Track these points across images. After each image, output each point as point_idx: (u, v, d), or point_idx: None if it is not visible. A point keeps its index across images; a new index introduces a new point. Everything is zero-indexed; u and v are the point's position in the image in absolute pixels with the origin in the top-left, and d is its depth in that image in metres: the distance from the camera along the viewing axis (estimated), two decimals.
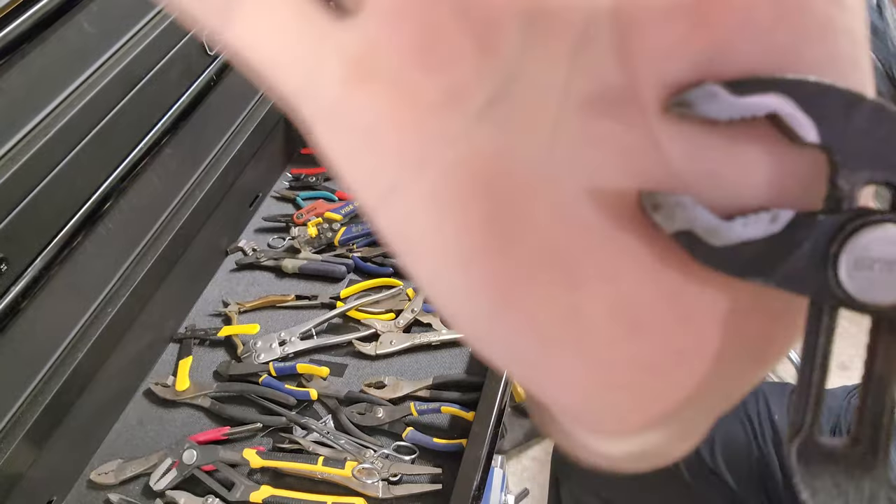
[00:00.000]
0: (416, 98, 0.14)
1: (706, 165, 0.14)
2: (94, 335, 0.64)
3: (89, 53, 0.64)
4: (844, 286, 0.14)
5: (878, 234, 0.14)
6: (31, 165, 0.57)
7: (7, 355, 0.57)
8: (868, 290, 0.14)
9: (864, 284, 0.14)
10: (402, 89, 0.14)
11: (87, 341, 0.64)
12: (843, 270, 0.14)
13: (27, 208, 0.57)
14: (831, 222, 0.14)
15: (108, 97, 0.64)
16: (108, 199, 0.65)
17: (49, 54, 0.59)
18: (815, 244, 0.14)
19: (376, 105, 0.14)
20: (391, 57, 0.14)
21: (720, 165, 0.14)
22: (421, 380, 0.70)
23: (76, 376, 0.63)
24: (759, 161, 0.14)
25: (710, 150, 0.14)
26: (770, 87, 0.13)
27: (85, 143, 0.61)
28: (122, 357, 0.70)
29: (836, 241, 0.14)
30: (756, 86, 0.13)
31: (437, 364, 0.73)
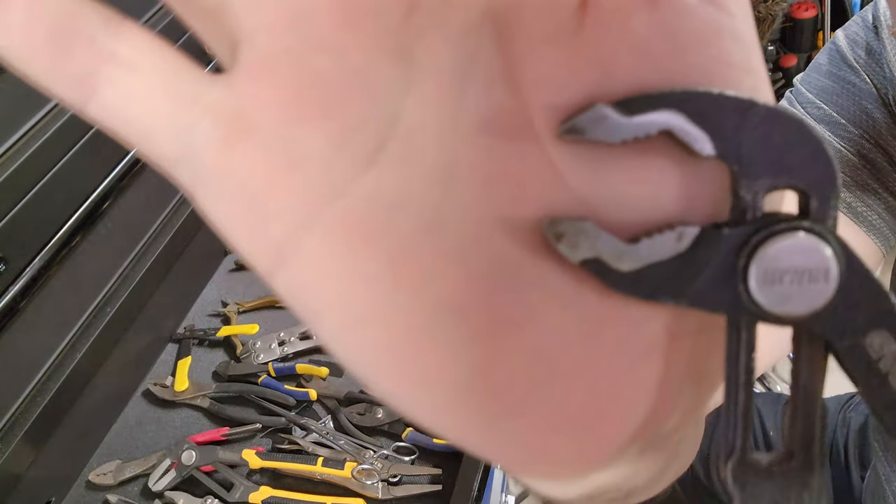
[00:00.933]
0: (298, 151, 0.13)
1: (610, 188, 0.14)
2: (92, 335, 0.64)
3: None
4: (756, 300, 0.13)
5: (785, 243, 0.13)
6: (29, 164, 0.56)
7: (6, 355, 0.57)
8: (781, 303, 0.13)
9: (776, 297, 0.13)
10: (282, 143, 0.13)
11: (86, 341, 0.64)
12: (753, 284, 0.13)
13: (26, 208, 0.56)
14: (737, 235, 0.13)
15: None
16: (106, 198, 0.65)
17: None
18: (722, 259, 0.13)
19: (256, 163, 0.13)
20: (267, 111, 0.13)
21: (624, 186, 0.14)
22: None
23: (75, 376, 0.62)
24: (661, 179, 0.14)
25: (611, 172, 0.13)
26: (659, 103, 0.13)
27: (84, 143, 0.61)
28: (120, 357, 0.69)
29: (742, 254, 0.13)
30: (644, 103, 0.13)
31: None
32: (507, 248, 0.14)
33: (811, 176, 0.13)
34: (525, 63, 0.13)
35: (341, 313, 0.14)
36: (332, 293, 0.13)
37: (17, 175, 0.55)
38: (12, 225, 0.56)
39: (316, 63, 0.13)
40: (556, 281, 0.14)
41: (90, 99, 0.13)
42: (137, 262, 0.70)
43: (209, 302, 0.82)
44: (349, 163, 0.13)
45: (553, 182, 0.14)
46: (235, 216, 0.13)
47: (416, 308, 0.14)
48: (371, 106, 0.13)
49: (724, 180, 0.14)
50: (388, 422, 0.67)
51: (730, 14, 0.13)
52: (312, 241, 0.13)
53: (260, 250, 0.13)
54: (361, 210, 0.13)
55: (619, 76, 0.13)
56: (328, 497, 0.62)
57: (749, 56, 0.13)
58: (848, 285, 0.14)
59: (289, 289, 0.14)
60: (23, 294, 0.57)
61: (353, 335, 0.14)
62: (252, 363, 0.73)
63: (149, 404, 0.73)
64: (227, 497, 0.62)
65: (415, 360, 0.14)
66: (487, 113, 0.13)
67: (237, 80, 0.13)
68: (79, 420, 0.65)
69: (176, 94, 0.13)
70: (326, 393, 0.70)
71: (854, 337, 0.14)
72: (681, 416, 0.16)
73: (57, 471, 0.65)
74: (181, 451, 0.64)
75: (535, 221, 0.14)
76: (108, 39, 0.12)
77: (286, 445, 0.66)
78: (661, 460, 0.19)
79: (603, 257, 0.13)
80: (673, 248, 0.13)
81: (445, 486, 0.62)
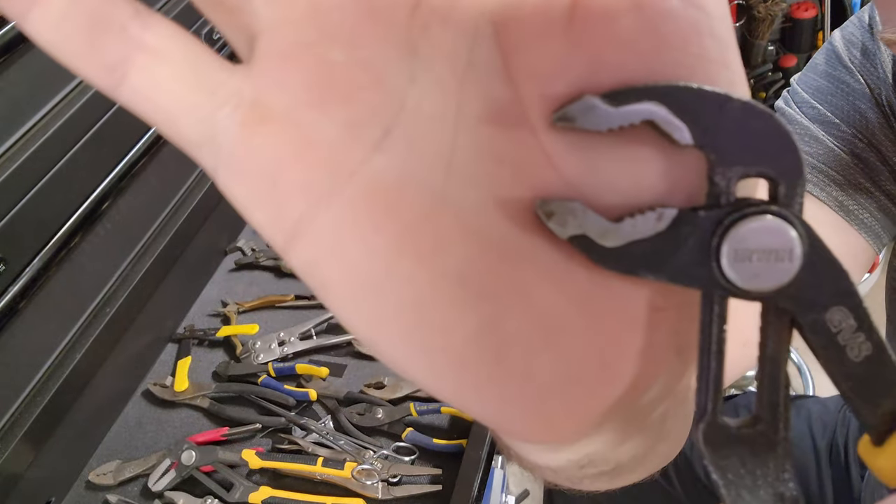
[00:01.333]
0: (312, 136, 0.14)
1: (596, 172, 0.15)
2: (92, 335, 0.64)
3: None
4: (728, 276, 0.15)
5: (754, 225, 0.14)
6: (29, 165, 0.56)
7: (5, 355, 0.57)
8: (750, 279, 0.15)
9: (745, 274, 0.15)
10: (297, 129, 0.14)
11: (86, 341, 0.64)
12: (725, 262, 0.15)
13: (25, 208, 0.56)
14: (711, 217, 0.15)
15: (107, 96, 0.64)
16: (106, 198, 0.65)
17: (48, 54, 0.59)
18: (698, 239, 0.15)
19: (273, 146, 0.14)
20: (284, 98, 0.14)
21: (609, 171, 0.15)
22: None
23: (74, 377, 0.62)
24: (644, 164, 0.15)
25: (599, 157, 0.15)
26: (644, 96, 0.14)
27: (83, 143, 0.61)
28: (120, 357, 0.69)
29: (716, 234, 0.15)
30: (630, 95, 0.14)
31: None
32: (502, 226, 0.15)
33: (780, 165, 0.15)
34: (520, 57, 0.14)
35: (351, 284, 0.15)
36: (342, 266, 0.15)
37: (16, 175, 0.55)
38: (12, 225, 0.56)
39: (330, 55, 0.14)
40: (546, 256, 0.15)
41: (121, 84, 0.14)
42: (137, 263, 0.70)
43: (209, 302, 0.82)
44: (359, 147, 0.14)
45: (545, 167, 0.15)
46: (254, 196, 0.14)
47: (420, 279, 0.15)
48: (379, 95, 0.14)
49: (701, 167, 0.15)
50: (388, 422, 0.67)
51: (709, 14, 0.14)
52: (325, 218, 0.14)
53: (277, 227, 0.15)
54: (370, 190, 0.14)
55: (607, 70, 0.14)
56: (328, 497, 0.62)
57: (726, 53, 0.14)
58: (811, 265, 0.15)
59: (302, 262, 0.15)
60: (22, 294, 0.57)
61: (361, 305, 0.15)
62: (252, 363, 0.73)
63: (148, 404, 0.73)
64: (227, 497, 0.62)
65: (419, 327, 0.15)
66: (486, 103, 0.15)
67: (256, 69, 0.14)
68: (78, 420, 0.65)
69: (199, 81, 0.14)
70: (326, 393, 0.70)
71: (816, 312, 0.15)
72: (662, 388, 0.18)
73: (57, 471, 0.65)
74: (181, 451, 0.64)
75: (528, 202, 0.15)
76: (138, 29, 0.14)
77: (286, 445, 0.66)
78: (646, 436, 0.20)
79: (589, 234, 0.15)
80: (653, 227, 0.15)
81: (445, 486, 0.62)
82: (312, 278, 0.15)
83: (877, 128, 0.47)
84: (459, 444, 0.64)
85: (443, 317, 0.15)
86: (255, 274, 0.84)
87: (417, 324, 0.15)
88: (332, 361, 0.74)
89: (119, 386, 0.72)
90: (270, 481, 0.64)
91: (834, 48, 0.50)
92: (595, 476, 0.22)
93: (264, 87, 0.14)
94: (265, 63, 0.14)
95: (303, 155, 0.14)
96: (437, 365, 0.16)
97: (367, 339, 0.16)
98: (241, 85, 0.14)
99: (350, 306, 0.15)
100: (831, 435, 0.73)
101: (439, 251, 0.15)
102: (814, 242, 0.15)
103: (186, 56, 0.14)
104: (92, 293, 0.66)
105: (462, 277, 0.15)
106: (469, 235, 0.15)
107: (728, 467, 0.16)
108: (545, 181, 0.15)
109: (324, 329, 0.76)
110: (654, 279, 0.15)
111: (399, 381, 0.70)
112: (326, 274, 0.15)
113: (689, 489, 0.78)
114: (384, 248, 0.15)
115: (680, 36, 0.14)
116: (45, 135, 0.58)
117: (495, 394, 0.16)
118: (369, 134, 0.14)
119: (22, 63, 0.57)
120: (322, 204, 0.14)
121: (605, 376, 0.16)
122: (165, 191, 0.75)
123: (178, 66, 0.14)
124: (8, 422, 0.58)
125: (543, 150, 0.15)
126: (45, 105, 0.59)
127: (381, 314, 0.15)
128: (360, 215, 0.14)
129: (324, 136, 0.14)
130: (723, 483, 0.16)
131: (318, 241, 0.15)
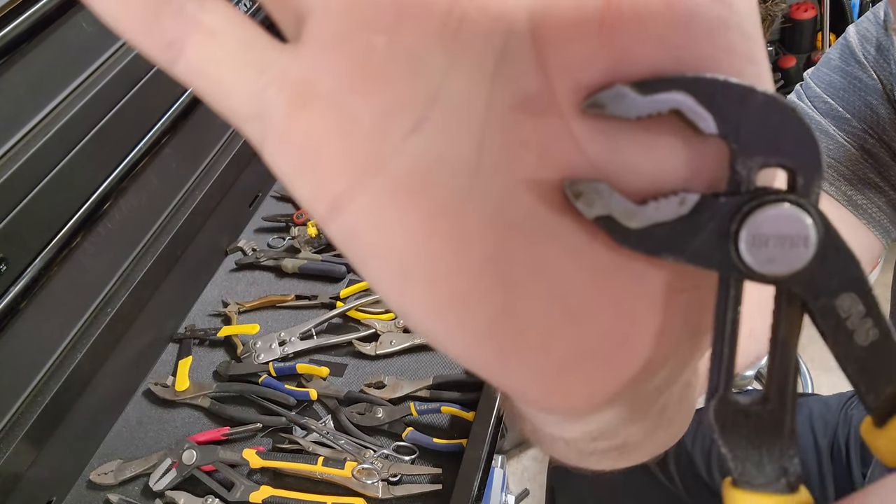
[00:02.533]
0: (355, 117, 0.15)
1: (623, 157, 0.16)
2: (93, 335, 0.64)
3: (89, 53, 0.64)
4: (745, 260, 0.15)
5: (772, 212, 0.15)
6: (30, 165, 0.57)
7: (7, 355, 0.57)
8: (766, 264, 0.15)
9: (761, 258, 0.15)
10: (341, 110, 0.15)
11: (87, 341, 0.64)
12: (742, 246, 0.15)
13: (27, 208, 0.57)
14: (731, 203, 0.15)
15: (108, 97, 0.64)
16: (107, 198, 0.65)
17: (48, 54, 0.59)
18: (718, 223, 0.15)
19: (318, 125, 0.15)
20: (330, 81, 0.15)
21: (635, 157, 0.15)
22: (421, 380, 0.70)
23: (76, 376, 0.62)
24: (669, 151, 0.15)
25: (625, 143, 0.15)
26: (672, 86, 0.14)
27: (84, 143, 0.61)
28: (121, 357, 0.70)
29: (735, 220, 0.15)
30: (659, 85, 0.14)
31: (437, 364, 0.73)
32: (531, 206, 0.16)
33: (800, 158, 0.15)
34: (554, 50, 0.15)
35: (386, 259, 0.16)
36: (378, 241, 0.16)
37: (18, 175, 0.56)
38: (13, 225, 0.56)
39: (374, 41, 0.14)
40: (572, 235, 0.16)
41: (177, 60, 0.14)
42: (138, 263, 0.70)
43: (210, 302, 0.82)
44: (398, 130, 0.15)
45: (573, 150, 0.16)
46: (297, 170, 0.15)
47: (451, 255, 0.16)
48: (418, 81, 0.15)
49: (724, 156, 0.15)
50: (388, 421, 0.67)
51: (736, 11, 0.15)
52: (364, 196, 0.15)
53: (318, 200, 0.15)
54: (406, 171, 0.15)
55: (637, 63, 0.15)
56: (328, 497, 0.62)
57: (752, 48, 0.15)
58: (825, 252, 0.15)
59: (341, 235, 0.16)
60: (23, 294, 0.57)
61: (396, 279, 0.16)
62: (252, 363, 0.73)
63: (149, 404, 0.73)
64: (228, 496, 0.62)
65: (448, 301, 0.16)
66: (517, 91, 0.15)
67: (304, 51, 0.15)
68: (80, 420, 0.65)
69: (250, 60, 0.15)
70: (327, 393, 0.70)
71: (827, 297, 0.16)
72: (672, 369, 0.19)
73: (58, 470, 0.65)
74: (182, 451, 0.65)
75: (555, 184, 0.16)
76: (195, 9, 0.14)
77: (286, 445, 0.66)
78: (650, 417, 0.21)
79: (614, 215, 0.15)
80: (676, 211, 0.15)
81: (445, 485, 0.62)
82: (349, 251, 0.16)
83: (888, 124, 0.47)
84: (459, 443, 0.64)
85: (473, 292, 0.16)
86: (255, 274, 0.84)
87: (447, 298, 0.16)
88: (333, 361, 0.74)
89: (120, 385, 0.72)
90: (271, 481, 0.64)
91: (848, 43, 0.50)
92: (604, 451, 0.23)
93: (311, 69, 0.15)
94: (313, 45, 0.14)
95: (345, 135, 0.15)
96: (467, 338, 0.17)
97: (399, 309, 0.17)
98: (289, 64, 0.15)
99: (385, 278, 0.16)
100: (833, 433, 0.73)
101: (470, 229, 0.16)
102: (828, 231, 0.16)
103: (239, 35, 0.15)
104: (93, 293, 0.66)
105: (489, 255, 0.16)
106: (497, 214, 0.16)
107: (736, 442, 0.17)
108: (572, 164, 0.16)
109: (324, 329, 0.76)
110: (675, 260, 0.16)
111: (399, 380, 0.71)
112: (363, 249, 0.16)
113: (689, 485, 0.78)
114: (418, 226, 0.15)
115: (708, 31, 0.14)
116: (47, 135, 0.58)
117: (518, 365, 0.17)
118: (407, 118, 0.15)
119: (23, 63, 0.57)
120: (361, 183, 0.15)
121: (622, 352, 0.17)
122: (166, 191, 0.75)
123: (231, 44, 0.14)
124: (9, 421, 0.58)
125: (572, 135, 0.15)
126: (46, 105, 0.59)
127: (413, 288, 0.16)
128: (396, 195, 0.15)
129: (365, 119, 0.15)
130: (731, 457, 0.17)
131: (356, 216, 0.15)
